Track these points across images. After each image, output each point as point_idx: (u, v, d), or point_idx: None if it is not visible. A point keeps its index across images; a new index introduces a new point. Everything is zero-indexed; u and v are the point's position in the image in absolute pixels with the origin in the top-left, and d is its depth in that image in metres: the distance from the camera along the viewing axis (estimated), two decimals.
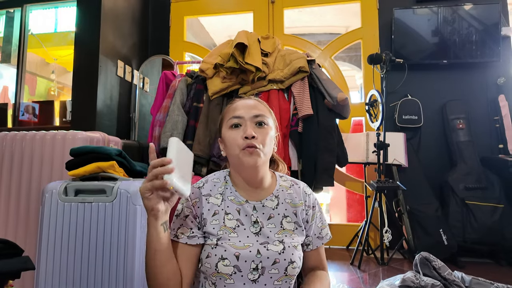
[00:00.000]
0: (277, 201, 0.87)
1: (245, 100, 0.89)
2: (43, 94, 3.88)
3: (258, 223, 0.82)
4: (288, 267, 0.78)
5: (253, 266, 0.76)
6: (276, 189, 0.89)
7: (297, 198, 0.88)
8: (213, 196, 0.84)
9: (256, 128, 0.83)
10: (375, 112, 2.54)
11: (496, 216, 2.31)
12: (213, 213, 0.82)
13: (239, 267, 0.76)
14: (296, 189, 0.91)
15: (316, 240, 0.90)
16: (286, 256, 0.78)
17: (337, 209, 3.26)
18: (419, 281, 1.21)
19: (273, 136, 0.86)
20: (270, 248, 0.79)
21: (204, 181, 0.88)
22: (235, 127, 0.84)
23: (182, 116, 2.07)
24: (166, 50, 3.24)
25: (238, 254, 0.76)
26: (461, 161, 2.56)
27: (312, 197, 0.91)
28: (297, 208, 0.87)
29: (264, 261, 0.77)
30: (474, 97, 2.74)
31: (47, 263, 1.21)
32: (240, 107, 0.86)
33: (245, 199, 0.85)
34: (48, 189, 1.27)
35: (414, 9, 2.78)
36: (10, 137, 1.68)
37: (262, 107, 0.88)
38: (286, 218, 0.85)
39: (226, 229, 0.80)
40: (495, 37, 2.65)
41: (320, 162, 1.90)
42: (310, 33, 4.68)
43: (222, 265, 0.75)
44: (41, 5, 3.15)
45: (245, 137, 0.80)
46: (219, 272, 0.76)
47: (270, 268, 0.77)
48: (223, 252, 0.76)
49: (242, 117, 0.83)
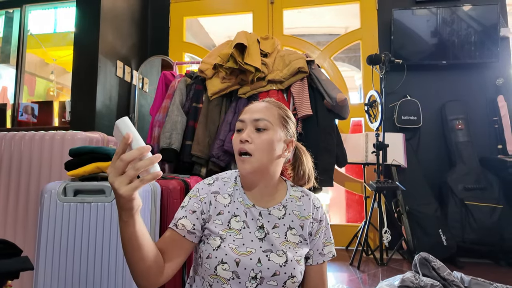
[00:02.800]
0: (284, 211, 0.84)
1: (257, 103, 0.87)
2: (42, 95, 3.88)
3: (264, 229, 0.81)
4: (288, 281, 0.77)
5: (252, 275, 0.75)
6: (285, 199, 0.86)
7: (305, 211, 0.86)
8: (221, 195, 0.84)
9: (254, 132, 0.81)
10: (374, 113, 2.55)
11: (495, 216, 2.31)
12: (218, 212, 0.81)
13: (238, 274, 0.75)
14: (305, 200, 0.87)
15: (317, 255, 0.86)
16: (287, 270, 0.77)
17: (336, 210, 3.26)
18: (418, 281, 1.21)
19: (275, 141, 0.81)
20: (272, 259, 0.77)
21: (214, 179, 0.87)
22: (238, 131, 0.83)
23: (182, 117, 2.07)
24: (166, 51, 3.24)
25: (239, 261, 0.75)
26: (460, 161, 2.57)
27: (321, 210, 0.88)
28: (304, 221, 0.84)
29: (264, 271, 0.76)
30: (473, 97, 2.74)
31: (46, 263, 1.21)
32: (247, 110, 0.85)
33: (252, 203, 0.84)
34: (47, 189, 1.27)
35: (413, 10, 2.78)
36: (8, 137, 1.68)
37: (269, 109, 0.84)
38: (292, 230, 0.83)
39: (231, 231, 0.79)
40: (494, 38, 2.65)
41: (319, 162, 1.90)
42: (309, 34, 4.68)
43: (221, 269, 0.75)
44: (41, 6, 3.15)
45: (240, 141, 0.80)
46: (217, 275, 0.75)
47: (269, 279, 0.76)
48: (223, 255, 0.75)
49: (244, 121, 0.83)
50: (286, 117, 0.87)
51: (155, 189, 1.33)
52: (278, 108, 0.86)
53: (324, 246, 0.87)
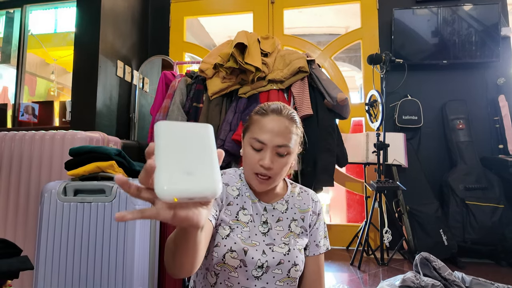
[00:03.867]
0: (287, 206, 0.90)
1: (275, 118, 0.82)
2: (42, 95, 3.88)
3: (267, 224, 0.85)
4: (291, 269, 0.80)
5: (259, 264, 0.78)
6: (286, 195, 0.91)
7: (305, 204, 0.91)
8: (231, 187, 0.87)
9: (275, 157, 0.80)
10: (375, 113, 2.54)
11: (496, 216, 2.31)
12: (229, 202, 0.84)
13: (246, 262, 0.78)
14: (304, 196, 0.93)
15: (313, 246, 0.90)
16: (290, 258, 0.81)
17: (337, 210, 3.25)
18: (419, 281, 1.21)
19: (292, 160, 0.84)
20: (275, 250, 0.81)
21: (222, 172, 0.89)
22: (255, 150, 0.81)
23: (182, 116, 2.07)
24: (166, 51, 3.24)
25: (247, 249, 0.78)
26: (461, 161, 2.56)
27: (319, 204, 0.94)
28: (305, 214, 0.90)
29: (270, 260, 0.79)
30: (474, 97, 2.74)
31: (46, 263, 1.21)
32: (266, 129, 0.80)
33: (258, 199, 0.88)
34: (47, 189, 1.27)
35: (413, 9, 2.78)
36: (9, 137, 1.68)
37: (289, 132, 0.81)
38: (294, 221, 0.88)
39: (239, 223, 0.82)
40: (495, 37, 2.65)
41: (319, 162, 1.90)
42: (310, 34, 4.68)
43: (230, 257, 0.77)
44: (41, 6, 3.15)
45: (261, 165, 0.79)
46: (225, 263, 0.77)
47: (274, 268, 0.80)
48: (232, 244, 0.78)
49: (265, 144, 0.80)
50: (301, 132, 0.87)
51: None
52: (295, 125, 0.84)
53: (321, 238, 0.91)
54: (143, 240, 1.23)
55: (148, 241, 1.27)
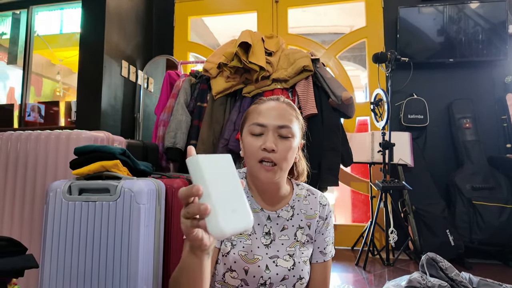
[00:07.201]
0: (292, 212, 0.83)
1: (272, 103, 0.79)
2: (48, 95, 3.91)
3: (270, 235, 0.79)
4: (297, 284, 0.77)
5: (261, 282, 0.75)
6: (292, 199, 0.84)
7: (312, 210, 0.84)
8: None
9: (278, 139, 0.74)
10: (380, 112, 2.52)
11: (504, 216, 2.28)
12: None
13: (247, 281, 0.74)
14: (311, 199, 0.86)
15: (317, 253, 0.84)
16: (295, 273, 0.76)
17: (342, 210, 3.24)
18: (425, 282, 1.19)
19: (296, 146, 0.78)
20: (280, 264, 0.76)
21: None
22: (255, 135, 0.76)
23: (186, 116, 2.08)
24: (170, 50, 3.24)
25: (247, 269, 0.74)
26: (468, 160, 2.53)
27: (327, 208, 0.87)
28: (311, 220, 0.83)
29: (273, 277, 0.75)
30: (481, 96, 2.70)
31: (51, 261, 1.22)
32: (265, 113, 0.76)
33: (260, 207, 0.81)
34: (52, 188, 1.28)
35: (419, 7, 2.75)
36: (15, 136, 1.69)
37: (289, 114, 0.78)
38: (300, 229, 0.82)
39: (241, 236, 0.77)
40: (502, 35, 2.61)
41: (324, 161, 1.89)
42: (314, 33, 4.65)
43: (230, 277, 0.74)
44: (47, 7, 3.18)
45: (263, 148, 0.73)
46: (226, 282, 0.74)
47: (278, 284, 0.76)
48: (232, 263, 0.74)
49: (265, 126, 0.75)
50: (302, 120, 0.83)
51: (159, 188, 1.33)
52: (294, 111, 0.80)
53: (326, 245, 0.85)
54: (147, 239, 1.23)
55: (153, 240, 1.27)
